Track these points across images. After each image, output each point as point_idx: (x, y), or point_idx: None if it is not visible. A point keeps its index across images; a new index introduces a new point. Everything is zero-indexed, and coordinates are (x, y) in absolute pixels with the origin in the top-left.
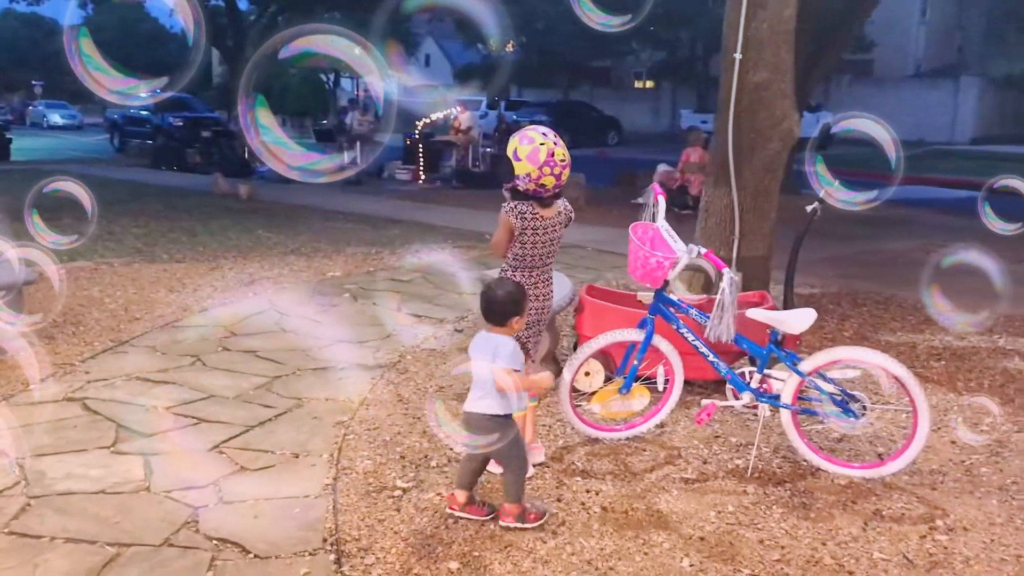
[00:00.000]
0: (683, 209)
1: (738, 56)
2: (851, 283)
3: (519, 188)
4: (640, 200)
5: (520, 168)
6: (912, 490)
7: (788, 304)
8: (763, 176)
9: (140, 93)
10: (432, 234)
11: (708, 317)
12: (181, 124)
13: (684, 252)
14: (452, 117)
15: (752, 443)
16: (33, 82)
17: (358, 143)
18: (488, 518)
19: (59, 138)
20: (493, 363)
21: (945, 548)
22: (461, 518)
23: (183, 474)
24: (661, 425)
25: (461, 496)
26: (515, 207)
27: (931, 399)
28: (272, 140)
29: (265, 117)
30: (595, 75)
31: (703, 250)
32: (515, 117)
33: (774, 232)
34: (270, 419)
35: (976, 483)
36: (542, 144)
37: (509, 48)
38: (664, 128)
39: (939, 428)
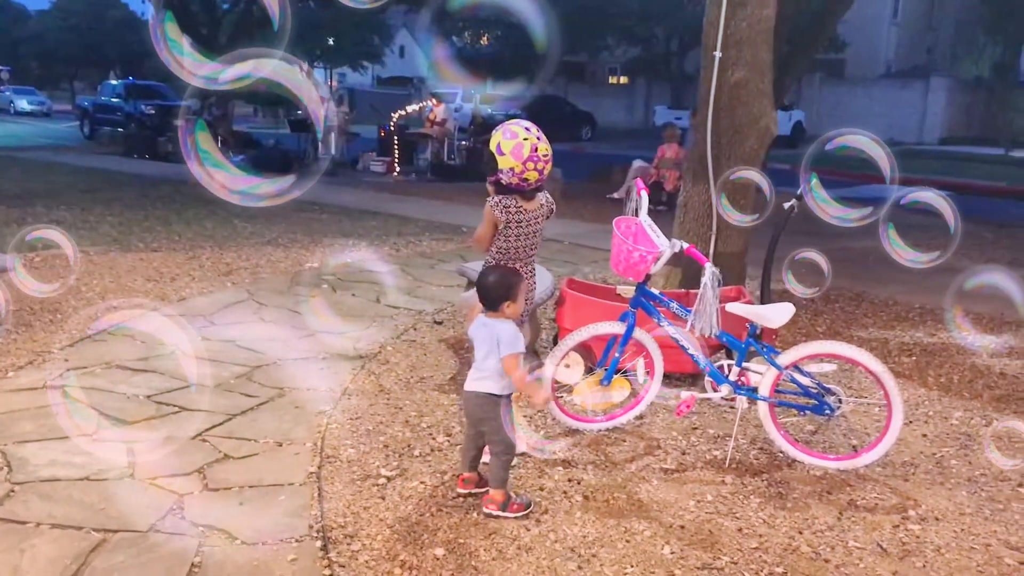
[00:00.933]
0: (657, 205)
1: (718, 54)
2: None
3: (502, 182)
4: (616, 195)
5: (503, 163)
6: (885, 481)
7: (765, 299)
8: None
9: (225, 77)
10: (409, 226)
11: (689, 311)
12: (153, 112)
13: (667, 247)
14: (427, 110)
15: (729, 434)
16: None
17: (332, 134)
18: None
19: (27, 124)
20: (499, 351)
21: (917, 537)
22: (469, 495)
23: (167, 462)
24: (640, 416)
25: (469, 476)
26: (500, 201)
27: (903, 393)
28: (212, 164)
29: (206, 142)
30: (569, 70)
31: (685, 245)
32: (490, 111)
33: (750, 229)
34: (252, 408)
35: (946, 475)
36: (525, 139)
37: (484, 42)
38: (638, 124)
39: (910, 422)
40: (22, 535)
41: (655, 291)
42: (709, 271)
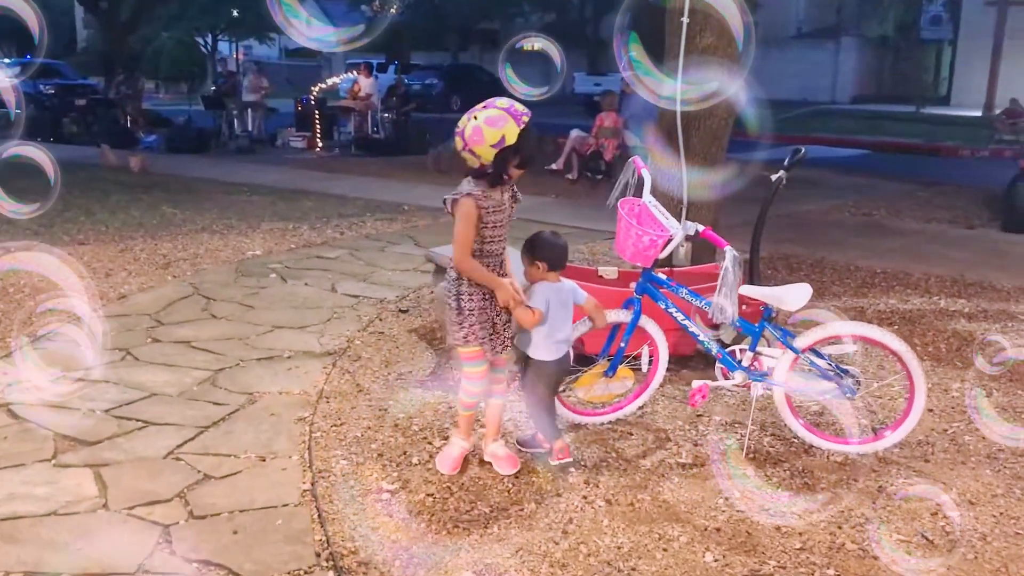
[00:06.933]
0: (596, 175)
1: (685, 20)
2: (778, 247)
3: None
4: (555, 166)
5: None
6: (907, 464)
7: (755, 277)
8: (710, 144)
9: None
10: (348, 206)
11: (699, 296)
12: (53, 92)
13: (678, 229)
14: (347, 82)
15: (738, 421)
16: None
17: (248, 110)
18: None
19: None
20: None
21: (959, 525)
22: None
23: (142, 487)
24: (641, 406)
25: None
26: None
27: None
28: None
29: None
30: (484, 37)
31: (700, 227)
32: (406, 80)
33: (719, 202)
34: (224, 418)
35: (964, 453)
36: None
37: (394, 11)
38: (555, 91)
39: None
40: None
41: (662, 276)
42: (730, 255)
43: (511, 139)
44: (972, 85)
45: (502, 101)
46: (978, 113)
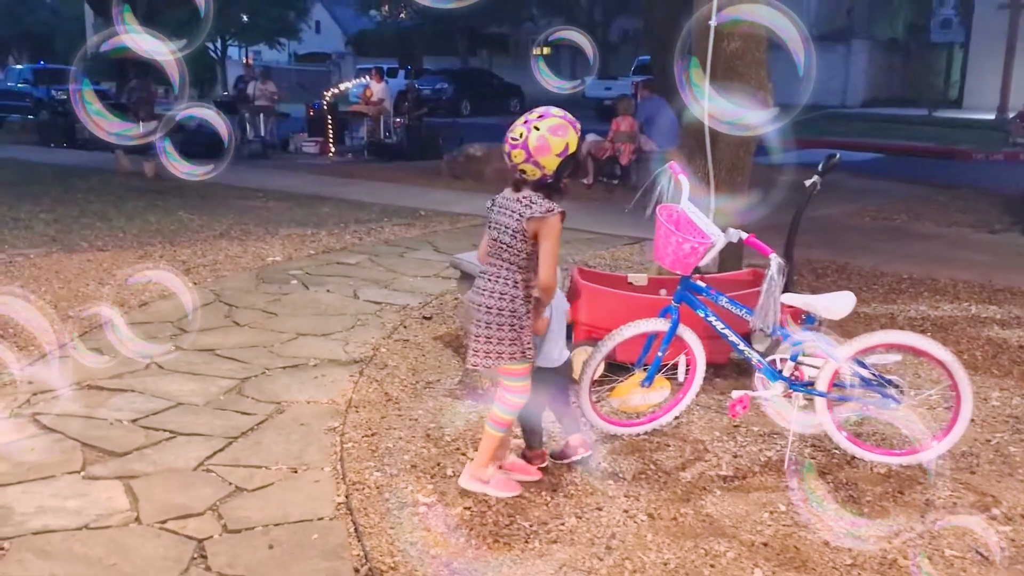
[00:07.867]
0: (611, 179)
1: (713, 23)
2: (803, 251)
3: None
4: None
5: None
6: (952, 476)
7: (789, 283)
8: (737, 149)
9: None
10: (364, 212)
11: (739, 305)
12: (66, 98)
13: (720, 236)
14: (359, 87)
15: (776, 432)
16: None
17: (261, 115)
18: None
19: None
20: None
21: (1012, 540)
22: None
23: (174, 499)
24: (678, 416)
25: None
26: None
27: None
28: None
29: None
30: (493, 42)
31: (744, 234)
32: (416, 85)
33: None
34: (252, 428)
35: (1011, 464)
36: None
37: (403, 15)
38: (565, 95)
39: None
40: None
41: (701, 283)
42: (775, 262)
43: (573, 147)
44: (984, 88)
45: (556, 110)
46: (991, 116)
